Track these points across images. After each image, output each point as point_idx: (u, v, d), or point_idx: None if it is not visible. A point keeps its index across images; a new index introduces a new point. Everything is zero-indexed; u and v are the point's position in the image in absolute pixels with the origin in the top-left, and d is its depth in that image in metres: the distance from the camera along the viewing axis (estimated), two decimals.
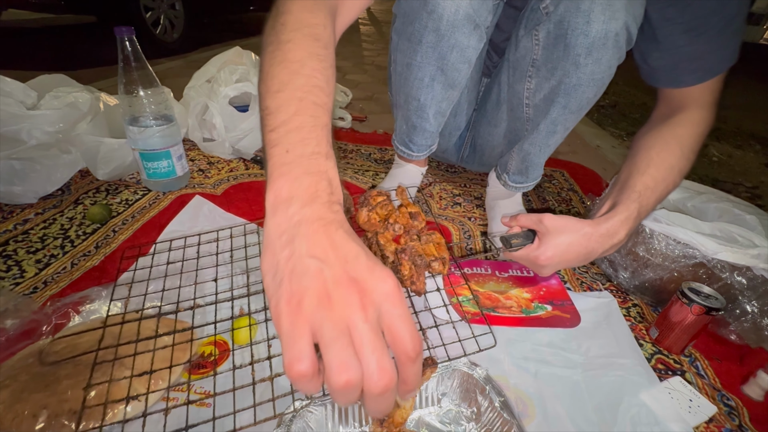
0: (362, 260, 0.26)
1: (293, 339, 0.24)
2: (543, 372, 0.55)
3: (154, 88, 0.79)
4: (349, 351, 0.23)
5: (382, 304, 0.25)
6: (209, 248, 0.65)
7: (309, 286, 0.24)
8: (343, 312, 0.24)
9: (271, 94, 0.34)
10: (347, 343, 0.23)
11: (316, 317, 0.24)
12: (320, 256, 0.25)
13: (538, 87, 0.66)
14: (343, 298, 0.24)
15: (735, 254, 0.59)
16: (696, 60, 0.56)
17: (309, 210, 0.27)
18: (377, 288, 0.25)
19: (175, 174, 0.86)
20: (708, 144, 2.35)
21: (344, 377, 0.23)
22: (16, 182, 0.74)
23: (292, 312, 0.24)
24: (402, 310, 0.25)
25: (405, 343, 0.25)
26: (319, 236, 0.26)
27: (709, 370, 0.59)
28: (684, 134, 0.58)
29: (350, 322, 0.24)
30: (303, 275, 0.25)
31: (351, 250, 0.26)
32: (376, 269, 0.26)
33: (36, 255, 0.66)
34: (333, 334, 0.23)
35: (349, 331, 0.24)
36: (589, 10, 0.53)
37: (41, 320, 0.50)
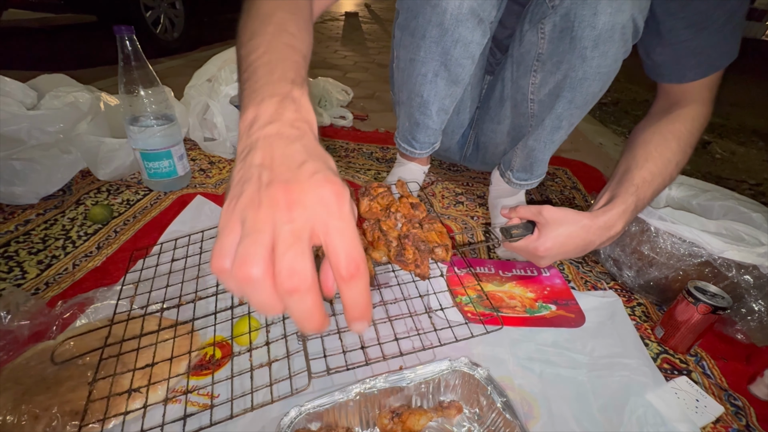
0: (307, 167, 0.25)
1: (221, 235, 0.24)
2: (548, 372, 0.55)
3: (154, 87, 0.79)
4: (257, 247, 0.22)
5: (316, 209, 0.23)
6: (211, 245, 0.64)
7: (245, 189, 0.25)
8: (267, 212, 0.23)
9: (243, 43, 0.35)
10: (260, 241, 0.22)
11: (243, 215, 0.24)
12: (266, 165, 0.25)
13: (543, 82, 0.65)
14: (269, 198, 0.24)
15: (741, 252, 0.58)
16: (698, 55, 0.57)
17: (269, 127, 0.28)
18: (313, 194, 0.24)
19: (177, 174, 0.85)
20: (711, 141, 2.34)
21: (243, 270, 0.22)
22: (17, 183, 0.74)
23: (227, 212, 0.25)
24: (340, 221, 0.23)
25: (338, 258, 0.23)
26: (271, 148, 0.26)
27: (715, 370, 0.59)
28: (682, 129, 0.59)
29: (274, 222, 0.23)
30: (246, 182, 0.25)
31: (298, 159, 0.25)
32: (317, 176, 0.24)
33: (38, 256, 0.66)
34: (248, 231, 0.23)
35: (272, 229, 0.23)
36: (596, 1, 0.53)
37: (49, 321, 0.50)
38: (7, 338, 0.46)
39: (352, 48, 2.92)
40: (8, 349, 0.46)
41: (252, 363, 0.46)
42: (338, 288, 0.24)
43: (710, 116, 0.62)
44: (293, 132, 0.27)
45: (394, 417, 0.43)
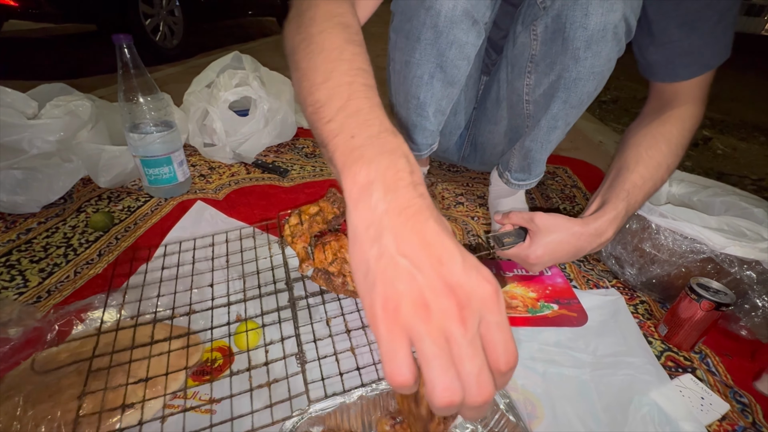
0: (457, 262, 0.24)
1: (393, 349, 0.23)
2: (551, 372, 0.54)
3: (153, 94, 0.79)
4: (451, 372, 0.22)
5: (483, 309, 0.23)
6: (207, 253, 0.64)
7: (404, 293, 0.23)
8: (442, 324, 0.22)
9: (317, 85, 0.33)
10: (449, 363, 0.22)
11: (413, 327, 0.23)
12: (411, 257, 0.24)
13: (537, 82, 0.65)
14: (440, 308, 0.23)
15: (743, 248, 0.58)
16: (690, 54, 0.57)
17: (393, 197, 0.25)
18: (475, 294, 0.23)
19: (177, 180, 0.86)
20: (712, 137, 2.33)
21: (447, 399, 0.22)
22: (19, 191, 0.74)
23: (389, 319, 0.23)
24: (499, 317, 0.24)
25: (498, 355, 0.23)
26: (407, 230, 0.25)
27: (720, 367, 0.58)
28: (672, 131, 0.59)
29: (449, 334, 0.22)
30: (396, 279, 0.23)
31: (444, 250, 0.24)
32: (473, 272, 0.24)
33: (39, 264, 0.66)
34: (433, 350, 0.22)
35: (449, 344, 0.22)
36: (587, 2, 0.53)
37: (45, 328, 0.50)
38: (5, 347, 0.47)
39: None
40: (8, 359, 0.46)
41: (252, 383, 0.45)
42: (494, 377, 0.24)
43: (702, 116, 0.61)
44: (419, 202, 0.26)
45: (395, 425, 0.43)
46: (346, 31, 0.37)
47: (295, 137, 1.22)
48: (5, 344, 0.47)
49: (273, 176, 1.00)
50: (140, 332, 0.48)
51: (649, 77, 0.64)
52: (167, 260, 0.62)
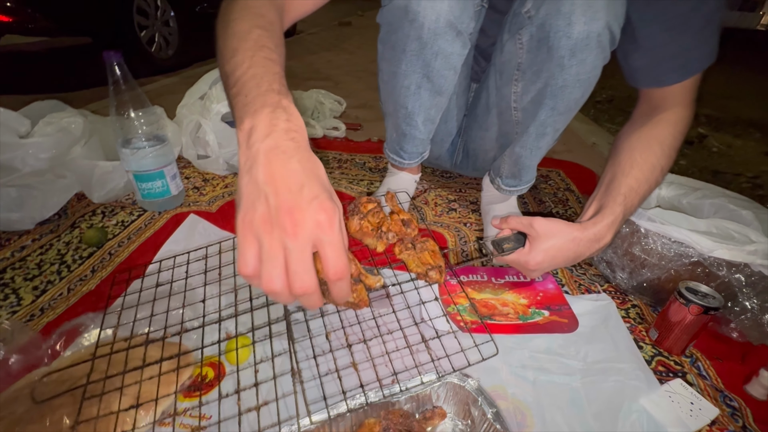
0: (304, 192, 0.31)
1: (243, 249, 0.31)
2: (541, 380, 0.55)
3: (145, 109, 0.80)
4: (276, 269, 0.31)
5: (314, 230, 0.31)
6: (200, 266, 0.64)
7: (258, 211, 0.31)
8: (280, 236, 0.31)
9: (226, 60, 0.40)
10: (277, 262, 0.31)
11: (260, 236, 0.31)
12: (270, 185, 0.31)
13: (524, 90, 0.66)
14: (280, 225, 0.31)
15: (731, 251, 0.58)
16: (676, 59, 0.57)
17: (268, 140, 0.33)
18: (310, 218, 0.31)
19: (170, 193, 0.86)
20: (707, 135, 2.33)
21: (268, 287, 0.31)
22: (14, 209, 0.75)
23: (245, 228, 0.32)
24: (330, 236, 0.31)
25: (328, 265, 0.32)
26: (273, 165, 0.32)
27: (710, 371, 0.58)
28: (665, 134, 0.60)
29: (284, 245, 0.31)
30: (255, 200, 0.31)
31: (296, 182, 0.32)
32: (314, 202, 0.31)
33: (33, 282, 0.66)
34: (268, 254, 0.31)
35: (283, 251, 0.31)
36: (570, 12, 0.53)
37: (38, 349, 0.50)
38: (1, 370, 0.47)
39: (345, 58, 2.94)
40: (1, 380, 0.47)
41: (240, 407, 0.45)
42: (328, 284, 0.34)
43: (692, 118, 0.62)
44: (290, 144, 0.33)
45: None
46: (258, 18, 0.43)
47: None
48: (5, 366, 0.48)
49: None
50: (133, 354, 0.48)
51: (635, 84, 0.64)
52: (161, 276, 0.63)
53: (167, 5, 2.35)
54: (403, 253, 0.56)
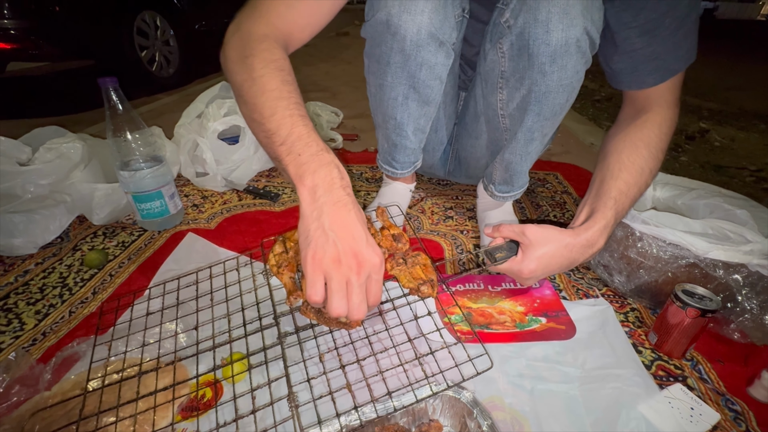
0: (363, 239, 0.42)
1: (314, 281, 0.40)
2: (539, 389, 0.54)
3: (141, 131, 0.81)
4: (343, 299, 0.40)
5: (370, 270, 0.41)
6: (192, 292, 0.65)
7: (327, 251, 0.40)
8: (346, 273, 0.40)
9: (267, 118, 0.46)
10: (344, 294, 0.40)
11: (329, 272, 0.40)
12: (336, 231, 0.41)
13: (509, 97, 0.66)
14: (347, 264, 0.40)
15: (727, 252, 0.58)
16: (654, 61, 0.58)
17: (329, 195, 0.42)
18: (368, 261, 0.41)
19: (168, 213, 0.88)
20: (709, 129, 2.31)
21: (337, 313, 0.41)
22: (16, 234, 0.77)
23: (315, 265, 0.40)
24: (378, 276, 0.42)
25: (371, 296, 0.42)
26: (337, 215, 0.41)
27: (712, 374, 0.57)
28: (650, 135, 0.60)
29: (348, 280, 0.40)
30: (324, 243, 0.40)
31: (356, 230, 0.41)
32: (370, 249, 0.42)
33: (35, 306, 0.68)
34: (337, 287, 0.40)
35: (347, 285, 0.40)
36: (547, 20, 0.54)
37: (37, 377, 0.51)
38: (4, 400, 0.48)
39: (343, 68, 2.97)
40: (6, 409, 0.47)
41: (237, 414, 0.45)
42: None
43: (677, 118, 0.62)
44: (347, 199, 0.43)
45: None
46: (281, 73, 0.49)
47: None
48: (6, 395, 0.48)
49: (264, 201, 1.02)
50: (127, 386, 0.49)
51: (617, 86, 0.64)
52: (153, 304, 0.63)
53: (167, 25, 2.40)
54: (395, 269, 0.56)
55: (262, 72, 0.48)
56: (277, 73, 0.48)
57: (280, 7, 0.55)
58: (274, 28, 0.54)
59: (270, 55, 0.50)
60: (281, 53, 0.51)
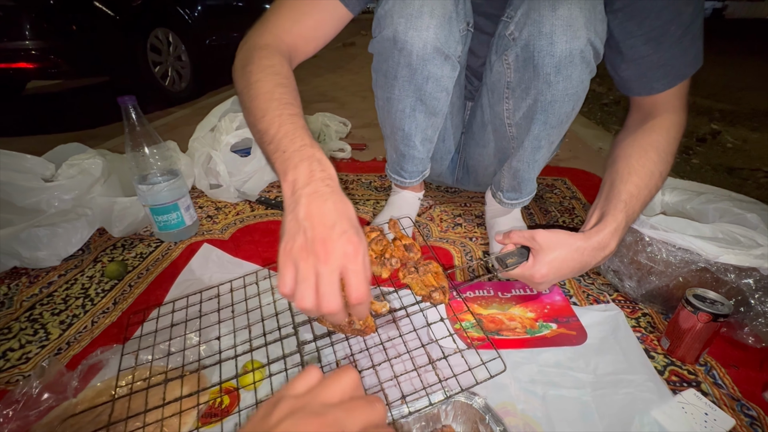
0: (336, 228, 0.38)
1: (283, 272, 0.38)
2: (551, 395, 0.55)
3: (158, 145, 0.85)
4: (308, 290, 0.37)
5: (342, 259, 0.37)
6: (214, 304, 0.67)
7: (297, 240, 0.38)
8: (313, 261, 0.37)
9: (259, 119, 0.47)
10: (311, 283, 0.37)
11: (297, 261, 0.37)
12: (309, 220, 0.39)
13: (516, 107, 0.67)
14: (315, 253, 0.37)
15: (738, 256, 0.58)
16: (661, 67, 0.58)
17: (308, 187, 0.40)
18: (340, 250, 0.37)
19: (184, 224, 0.90)
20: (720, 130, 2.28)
21: (302, 304, 0.37)
22: (40, 248, 0.80)
23: (285, 255, 0.38)
24: (355, 266, 0.37)
25: (350, 291, 0.38)
26: (311, 205, 0.39)
27: (726, 379, 0.57)
28: (659, 139, 0.60)
29: (317, 270, 0.37)
30: (296, 233, 0.38)
31: (330, 219, 0.39)
32: (344, 236, 0.38)
33: (60, 316, 0.70)
34: (303, 276, 0.37)
35: (315, 276, 0.37)
36: (551, 32, 0.55)
37: (66, 383, 0.53)
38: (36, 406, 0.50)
39: (350, 78, 3.02)
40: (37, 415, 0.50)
41: None
42: (349, 306, 0.39)
43: (685, 122, 0.62)
44: (326, 189, 0.40)
45: None
46: (276, 77, 0.51)
47: None
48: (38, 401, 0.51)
49: (276, 212, 1.04)
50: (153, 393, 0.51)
51: (626, 92, 0.65)
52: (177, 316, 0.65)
53: (179, 41, 2.47)
54: (407, 278, 0.58)
55: (258, 77, 0.50)
56: (272, 77, 0.50)
57: (286, 22, 0.58)
58: (278, 40, 0.57)
59: (267, 61, 0.52)
60: (279, 59, 0.53)
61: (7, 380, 0.58)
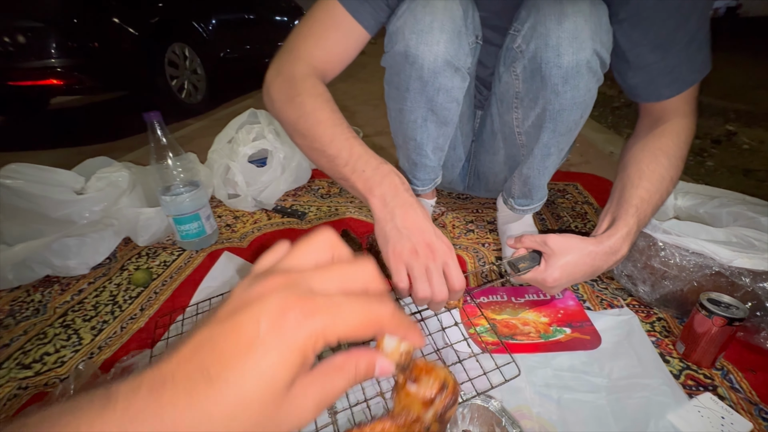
0: (432, 232, 0.50)
1: (397, 271, 0.49)
2: (566, 398, 0.55)
3: (180, 156, 0.88)
4: (426, 283, 0.48)
5: (444, 256, 0.49)
6: None
7: (405, 245, 0.49)
8: (424, 261, 0.48)
9: (327, 145, 0.55)
10: (425, 279, 0.48)
11: (409, 262, 0.48)
12: (408, 228, 0.49)
13: (525, 116, 0.69)
14: (423, 253, 0.48)
15: (752, 260, 0.58)
16: (669, 74, 0.60)
17: (397, 199, 0.51)
18: (440, 249, 0.49)
19: (205, 233, 0.94)
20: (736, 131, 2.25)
21: (423, 295, 0.48)
22: (71, 257, 0.84)
23: (396, 258, 0.49)
24: (453, 261, 0.49)
25: (452, 281, 0.49)
26: (406, 215, 0.50)
27: (744, 383, 0.57)
28: (669, 144, 0.61)
29: (427, 267, 0.48)
30: (401, 239, 0.49)
31: (425, 225, 0.50)
32: (439, 239, 0.49)
33: (90, 322, 0.74)
34: (419, 273, 0.48)
35: (426, 272, 0.48)
36: (557, 44, 0.57)
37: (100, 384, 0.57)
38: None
39: (360, 87, 3.06)
40: None
41: None
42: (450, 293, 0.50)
43: (695, 128, 0.63)
44: (411, 199, 0.51)
45: None
46: (329, 104, 0.58)
47: (311, 179, 1.29)
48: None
49: (292, 220, 1.07)
50: None
51: (635, 99, 0.66)
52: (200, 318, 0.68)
53: (194, 55, 2.55)
54: None
55: (313, 106, 0.56)
56: (326, 104, 0.57)
57: (313, 48, 0.61)
58: (311, 67, 0.62)
59: (315, 90, 0.59)
60: (324, 87, 0.60)
61: (45, 382, 0.61)
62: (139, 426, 0.15)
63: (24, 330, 0.73)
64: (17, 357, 0.66)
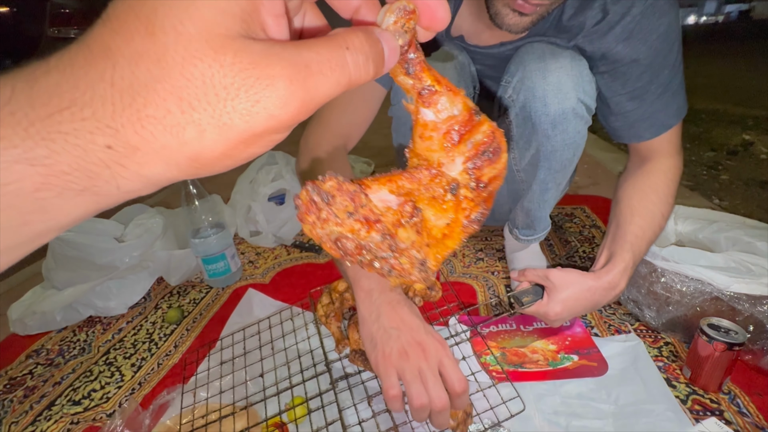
0: (421, 329, 0.47)
1: (387, 377, 0.44)
2: (574, 426, 0.58)
3: (206, 200, 0.97)
4: (421, 387, 0.43)
5: (437, 353, 0.45)
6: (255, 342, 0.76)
7: (394, 347, 0.45)
8: (416, 362, 0.44)
9: None
10: (420, 382, 0.43)
11: (400, 365, 0.44)
12: (397, 327, 0.47)
13: (521, 156, 0.74)
14: (414, 354, 0.44)
15: (749, 285, 0.60)
16: (647, 120, 0.65)
17: (384, 297, 0.49)
18: (433, 346, 0.45)
19: (230, 271, 1.01)
20: (754, 141, 2.21)
21: (419, 402, 0.43)
22: (111, 298, 0.92)
23: (385, 362, 0.45)
24: (449, 360, 0.45)
25: (452, 383, 0.44)
26: (394, 314, 0.48)
27: (751, 407, 0.58)
28: (658, 182, 0.66)
29: (420, 369, 0.44)
30: (388, 340, 0.46)
31: (413, 322, 0.47)
32: (430, 335, 0.47)
33: (130, 359, 0.81)
34: (411, 377, 0.44)
35: (420, 374, 0.43)
36: (544, 96, 0.63)
37: (141, 421, 0.63)
38: None
39: None
40: None
41: None
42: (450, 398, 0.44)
43: (682, 165, 0.68)
44: (399, 297, 0.50)
45: None
46: None
47: None
48: None
49: (310, 254, 1.13)
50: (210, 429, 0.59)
51: (618, 140, 0.72)
52: (225, 354, 0.75)
53: None
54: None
55: None
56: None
57: (339, 118, 0.68)
58: (335, 136, 0.67)
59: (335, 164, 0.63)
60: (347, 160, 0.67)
61: (93, 417, 0.68)
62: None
63: (72, 368, 0.80)
64: (68, 394, 0.74)
